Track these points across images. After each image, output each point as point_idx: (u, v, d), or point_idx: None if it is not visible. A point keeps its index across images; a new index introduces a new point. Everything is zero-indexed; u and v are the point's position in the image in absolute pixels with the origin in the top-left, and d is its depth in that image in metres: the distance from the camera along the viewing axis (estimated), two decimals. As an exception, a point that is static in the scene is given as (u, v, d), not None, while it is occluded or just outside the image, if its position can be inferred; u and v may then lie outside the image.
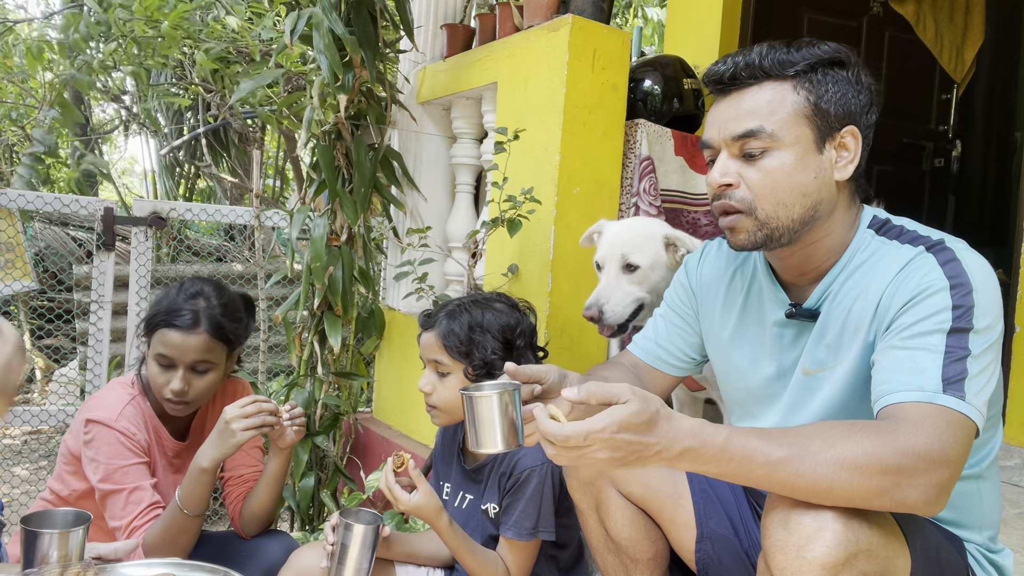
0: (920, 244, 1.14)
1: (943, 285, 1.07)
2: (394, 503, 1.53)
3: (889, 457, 0.94)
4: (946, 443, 0.97)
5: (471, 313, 1.61)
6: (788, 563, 0.98)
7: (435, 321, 1.64)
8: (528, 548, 1.59)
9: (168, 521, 1.65)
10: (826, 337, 1.20)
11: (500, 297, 1.70)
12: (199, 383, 1.75)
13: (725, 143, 1.19)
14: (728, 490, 1.40)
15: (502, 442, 1.14)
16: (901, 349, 1.06)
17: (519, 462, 1.58)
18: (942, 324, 1.05)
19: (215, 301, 1.78)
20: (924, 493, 0.96)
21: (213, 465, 1.66)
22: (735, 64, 1.18)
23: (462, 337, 1.58)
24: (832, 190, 1.18)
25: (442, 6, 2.99)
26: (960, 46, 4.02)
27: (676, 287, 1.50)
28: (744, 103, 1.17)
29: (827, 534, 0.96)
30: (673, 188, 2.52)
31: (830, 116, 1.16)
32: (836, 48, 1.18)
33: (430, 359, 1.64)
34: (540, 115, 2.31)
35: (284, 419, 1.71)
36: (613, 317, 1.74)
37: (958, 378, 1.01)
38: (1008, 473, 2.23)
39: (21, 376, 1.21)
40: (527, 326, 1.66)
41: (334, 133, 2.50)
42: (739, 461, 0.97)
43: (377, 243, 2.92)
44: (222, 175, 6.63)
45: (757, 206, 1.16)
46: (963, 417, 0.99)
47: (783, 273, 1.28)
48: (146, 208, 3.00)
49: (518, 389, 1.17)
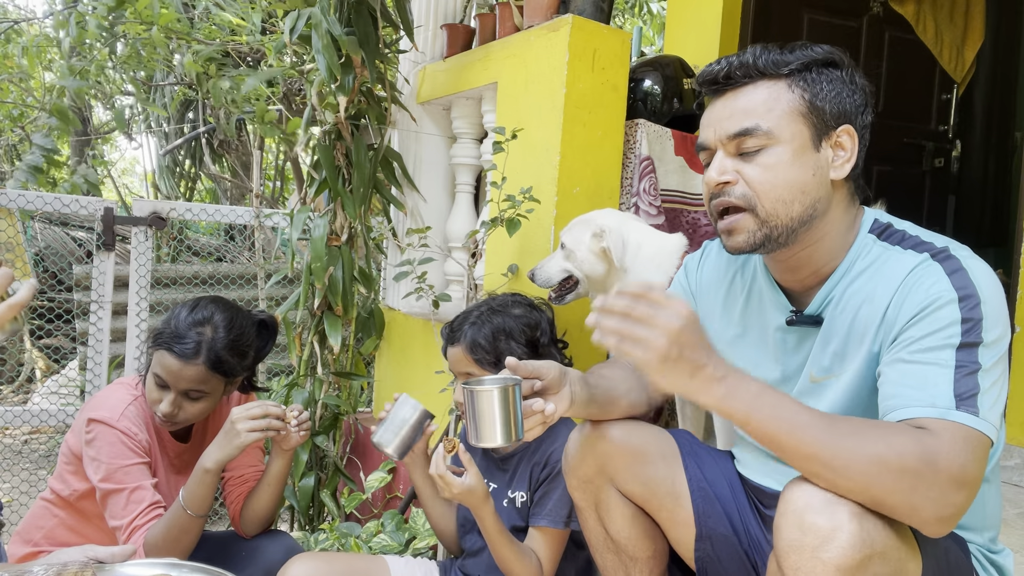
0: (924, 250, 1.12)
1: (951, 297, 1.05)
2: (444, 488, 1.52)
3: (911, 457, 0.94)
4: (965, 461, 0.95)
5: (492, 322, 1.64)
6: (803, 563, 0.97)
7: (459, 335, 1.66)
8: (560, 538, 1.60)
9: (171, 521, 1.65)
10: (831, 344, 1.19)
11: (516, 298, 1.73)
12: (190, 408, 1.74)
13: (721, 142, 1.18)
14: (727, 489, 1.40)
15: (502, 436, 1.14)
16: (910, 363, 1.05)
17: (554, 452, 1.60)
18: (951, 339, 1.03)
19: (221, 333, 1.73)
20: (936, 508, 0.95)
21: (217, 466, 1.66)
22: (729, 64, 1.18)
23: (488, 348, 1.61)
24: (829, 189, 1.18)
25: (442, 6, 2.99)
26: (960, 46, 4.02)
27: (676, 288, 1.49)
28: (739, 102, 1.17)
29: (842, 535, 0.95)
30: (673, 188, 2.52)
31: (825, 114, 1.16)
32: (830, 50, 1.18)
33: (461, 372, 1.67)
34: (540, 115, 2.31)
35: (291, 425, 1.71)
36: (542, 280, 2.07)
37: (971, 393, 1.00)
38: (1008, 473, 2.23)
39: None
40: (547, 323, 1.69)
41: (334, 133, 2.50)
42: (767, 412, 1.00)
43: (377, 243, 2.92)
44: (222, 175, 6.63)
45: (757, 202, 1.16)
46: (978, 433, 0.98)
47: (782, 278, 1.27)
48: (146, 208, 3.00)
49: (519, 384, 1.17)
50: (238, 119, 5.30)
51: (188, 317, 1.74)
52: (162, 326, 1.76)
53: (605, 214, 2.03)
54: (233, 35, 3.61)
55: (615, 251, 1.93)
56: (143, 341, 2.97)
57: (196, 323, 1.73)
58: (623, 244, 1.94)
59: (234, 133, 5.59)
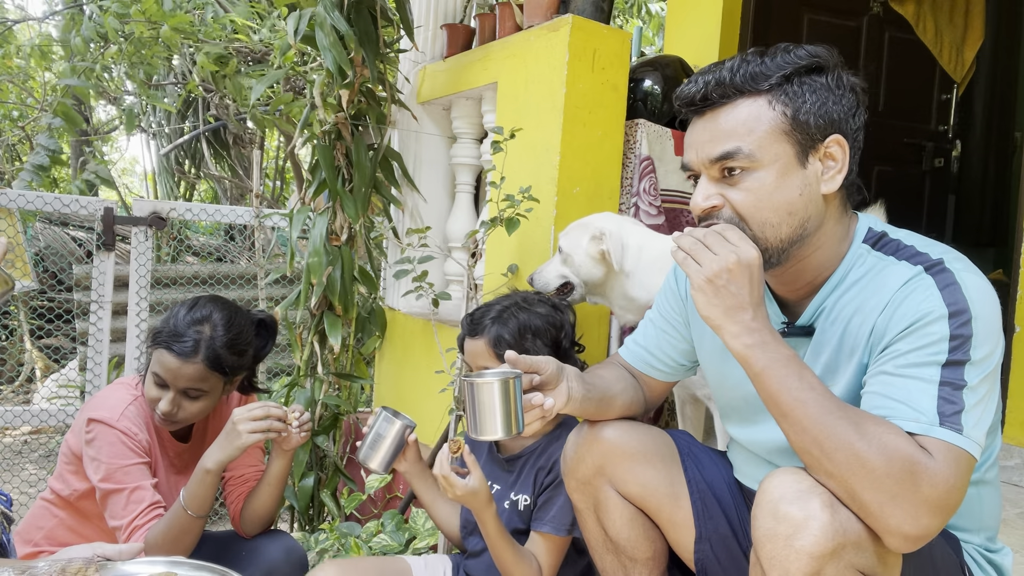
0: (919, 263, 1.10)
1: (942, 313, 1.03)
2: (448, 489, 1.51)
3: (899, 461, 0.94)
4: (948, 477, 0.95)
5: (519, 317, 1.61)
6: (777, 552, 0.98)
7: (482, 328, 1.62)
8: (561, 545, 1.59)
9: (172, 521, 1.65)
10: (822, 355, 1.18)
11: (540, 297, 1.71)
12: (189, 407, 1.74)
13: (704, 166, 1.15)
14: (726, 490, 1.40)
15: (502, 429, 1.14)
16: (895, 376, 1.04)
17: (559, 458, 1.57)
18: (938, 356, 1.02)
19: (220, 331, 1.73)
20: (906, 520, 0.95)
21: (218, 467, 1.66)
22: (706, 84, 1.13)
23: (513, 343, 1.57)
24: (820, 204, 1.14)
25: (442, 6, 2.99)
26: (960, 46, 4.01)
27: (667, 293, 1.47)
28: (719, 124, 1.13)
29: (814, 523, 0.96)
30: (673, 188, 2.52)
31: (810, 128, 1.11)
32: (812, 52, 1.13)
33: (479, 365, 1.62)
34: (540, 115, 2.31)
35: (293, 427, 1.71)
36: (540, 285, 2.06)
37: (955, 411, 0.99)
38: (1008, 473, 2.23)
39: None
40: (570, 326, 1.66)
41: (334, 133, 2.50)
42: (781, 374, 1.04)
43: (377, 243, 2.92)
44: (222, 175, 6.63)
45: (745, 227, 1.13)
46: (960, 451, 0.98)
47: (774, 287, 1.26)
48: (146, 208, 3.01)
49: (519, 377, 1.17)
50: (240, 117, 5.31)
51: (187, 316, 1.74)
52: (161, 325, 1.76)
53: (603, 217, 2.02)
54: (236, 34, 3.62)
55: (614, 254, 1.92)
56: (143, 341, 2.97)
57: (195, 322, 1.73)
58: (622, 247, 1.93)
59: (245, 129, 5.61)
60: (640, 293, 1.94)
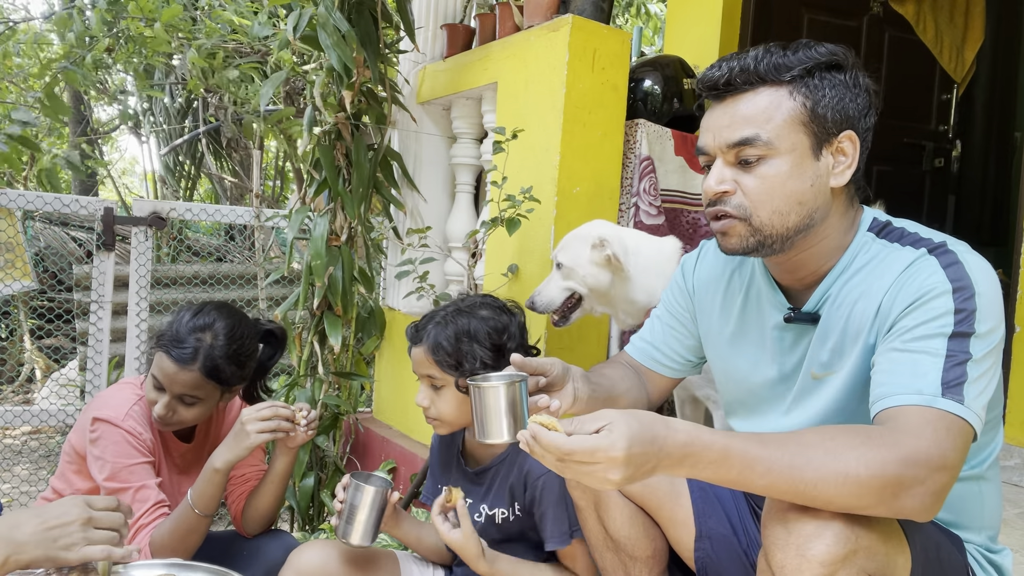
0: (922, 246, 1.13)
1: (945, 288, 1.06)
2: (440, 535, 1.50)
3: (890, 469, 0.94)
4: (944, 449, 0.97)
5: (457, 323, 1.55)
6: (788, 560, 0.98)
7: (423, 335, 1.58)
8: (575, 549, 1.55)
9: (178, 520, 1.66)
10: (829, 341, 1.19)
11: (485, 300, 1.64)
12: (184, 412, 1.73)
13: (720, 150, 1.17)
14: (726, 489, 1.40)
15: (508, 432, 1.13)
16: (901, 352, 1.06)
17: (529, 471, 1.54)
18: (944, 328, 1.04)
19: (221, 340, 1.72)
20: (921, 501, 0.96)
21: (226, 466, 1.66)
22: (730, 69, 1.15)
23: (450, 350, 1.53)
24: (828, 197, 1.17)
25: (442, 6, 2.99)
26: (960, 46, 4.02)
27: (673, 288, 1.49)
28: (739, 110, 1.15)
29: (827, 532, 0.96)
30: (673, 188, 2.52)
31: (827, 122, 1.14)
32: (833, 50, 1.16)
33: (423, 374, 1.60)
34: (540, 115, 2.31)
35: (300, 426, 1.71)
36: (543, 305, 2.03)
37: (957, 382, 1.01)
38: (1008, 473, 2.23)
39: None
40: (516, 327, 1.60)
41: (334, 133, 2.50)
42: (739, 469, 0.96)
43: (377, 243, 2.92)
44: (222, 175, 6.63)
45: (752, 213, 1.16)
46: (961, 421, 0.99)
47: (779, 276, 1.27)
48: (146, 208, 3.01)
49: (525, 380, 1.16)
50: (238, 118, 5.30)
51: (190, 322, 1.73)
52: (165, 327, 1.76)
53: (595, 225, 2.02)
54: (234, 33, 3.61)
55: (622, 257, 1.91)
56: (143, 341, 2.97)
57: (197, 328, 1.72)
58: (625, 250, 1.94)
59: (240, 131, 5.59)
60: (640, 296, 1.95)
